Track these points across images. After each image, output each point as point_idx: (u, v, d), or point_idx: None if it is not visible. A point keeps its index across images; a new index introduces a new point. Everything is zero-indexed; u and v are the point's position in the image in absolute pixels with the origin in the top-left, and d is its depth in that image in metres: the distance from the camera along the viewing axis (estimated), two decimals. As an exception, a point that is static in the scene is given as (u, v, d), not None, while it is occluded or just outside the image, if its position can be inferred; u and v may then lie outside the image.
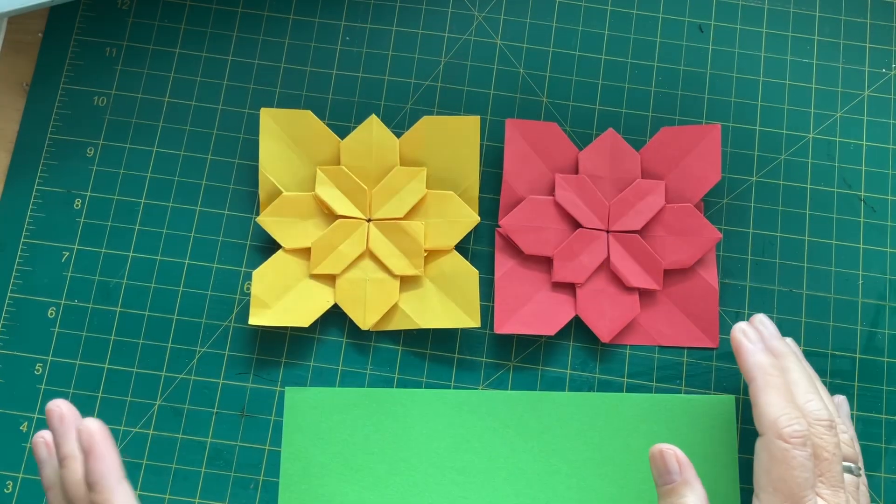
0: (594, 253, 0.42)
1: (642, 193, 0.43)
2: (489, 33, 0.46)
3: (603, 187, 0.43)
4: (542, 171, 0.43)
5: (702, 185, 0.43)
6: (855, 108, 0.45)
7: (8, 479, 0.41)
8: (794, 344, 0.40)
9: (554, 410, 0.42)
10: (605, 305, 0.42)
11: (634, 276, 0.42)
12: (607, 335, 0.42)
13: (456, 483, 0.40)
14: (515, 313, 0.42)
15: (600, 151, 0.43)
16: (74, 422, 0.34)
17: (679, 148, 0.43)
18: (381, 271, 0.42)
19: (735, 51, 0.46)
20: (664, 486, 0.36)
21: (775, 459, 0.35)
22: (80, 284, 0.43)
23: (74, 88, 0.45)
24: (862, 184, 0.45)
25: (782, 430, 0.35)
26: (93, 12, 0.46)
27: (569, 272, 0.42)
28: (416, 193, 0.42)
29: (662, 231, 0.43)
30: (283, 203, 0.42)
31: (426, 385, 0.42)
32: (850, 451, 0.37)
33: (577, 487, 0.40)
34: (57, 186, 0.44)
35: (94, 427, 0.33)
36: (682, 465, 0.35)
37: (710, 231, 0.42)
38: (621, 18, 0.46)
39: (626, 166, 0.43)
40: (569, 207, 0.43)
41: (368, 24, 0.46)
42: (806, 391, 0.36)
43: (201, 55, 0.45)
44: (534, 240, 0.42)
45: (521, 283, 0.42)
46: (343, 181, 0.43)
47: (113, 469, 0.33)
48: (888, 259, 0.44)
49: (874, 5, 0.47)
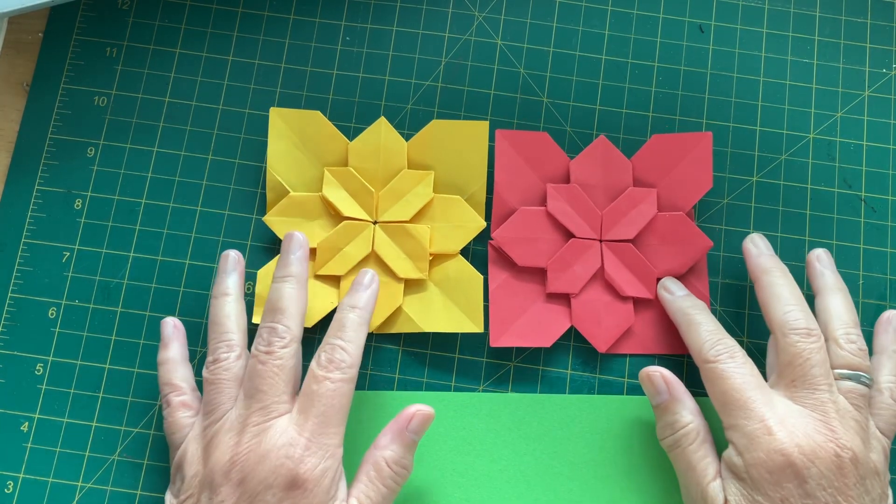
0: (588, 263, 0.42)
1: (634, 202, 0.43)
2: (489, 33, 0.46)
3: (595, 196, 0.43)
4: (534, 182, 0.43)
5: (693, 194, 0.43)
6: (855, 108, 0.45)
7: (8, 479, 0.41)
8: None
9: (555, 413, 0.42)
10: (601, 315, 0.42)
11: (628, 284, 0.42)
12: (604, 345, 0.42)
13: (458, 486, 0.40)
14: (511, 326, 0.42)
15: (592, 159, 0.43)
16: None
17: (671, 156, 0.43)
18: (386, 274, 0.42)
19: (735, 51, 0.46)
20: (657, 406, 0.39)
21: (783, 351, 0.37)
22: (80, 284, 0.43)
23: (75, 88, 0.45)
24: (862, 184, 0.45)
25: (788, 326, 0.37)
26: (93, 12, 0.46)
27: (563, 283, 0.42)
28: (423, 197, 0.42)
29: (655, 240, 0.43)
30: (289, 203, 0.42)
31: (427, 385, 0.42)
32: (855, 360, 0.37)
33: (579, 490, 0.40)
34: (57, 186, 0.44)
35: None
36: (669, 383, 0.38)
37: (702, 240, 0.42)
38: (621, 18, 0.46)
39: (618, 174, 0.43)
40: (561, 217, 0.42)
41: (369, 24, 0.46)
42: (787, 303, 0.38)
43: (201, 55, 0.45)
44: (527, 251, 0.42)
45: (516, 296, 0.42)
46: (350, 183, 0.43)
47: None
48: (888, 259, 0.44)
49: (874, 5, 0.47)
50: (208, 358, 0.38)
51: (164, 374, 0.39)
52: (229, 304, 0.39)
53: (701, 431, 0.37)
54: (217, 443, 0.35)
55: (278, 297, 0.38)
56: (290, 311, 0.37)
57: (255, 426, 0.35)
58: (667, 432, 0.38)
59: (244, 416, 0.35)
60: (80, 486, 0.41)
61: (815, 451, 0.34)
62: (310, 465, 0.34)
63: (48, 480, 0.41)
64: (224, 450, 0.35)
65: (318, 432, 0.35)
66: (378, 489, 0.36)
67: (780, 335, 0.37)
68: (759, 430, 0.35)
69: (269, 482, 0.34)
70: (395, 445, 0.36)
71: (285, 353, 0.36)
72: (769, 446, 0.34)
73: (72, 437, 0.41)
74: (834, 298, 0.39)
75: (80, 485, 0.41)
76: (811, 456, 0.34)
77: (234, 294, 0.39)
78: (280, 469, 0.34)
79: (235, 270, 0.40)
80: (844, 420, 0.35)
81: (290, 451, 0.34)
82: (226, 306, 0.39)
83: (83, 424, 0.41)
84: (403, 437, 0.37)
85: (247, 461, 0.34)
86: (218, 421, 0.36)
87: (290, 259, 0.39)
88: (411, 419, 0.37)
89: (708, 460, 0.37)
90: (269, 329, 0.37)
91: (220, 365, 0.37)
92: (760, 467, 0.34)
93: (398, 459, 0.36)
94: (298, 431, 0.35)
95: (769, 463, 0.34)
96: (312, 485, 0.34)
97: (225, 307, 0.39)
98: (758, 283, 0.40)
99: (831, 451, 0.34)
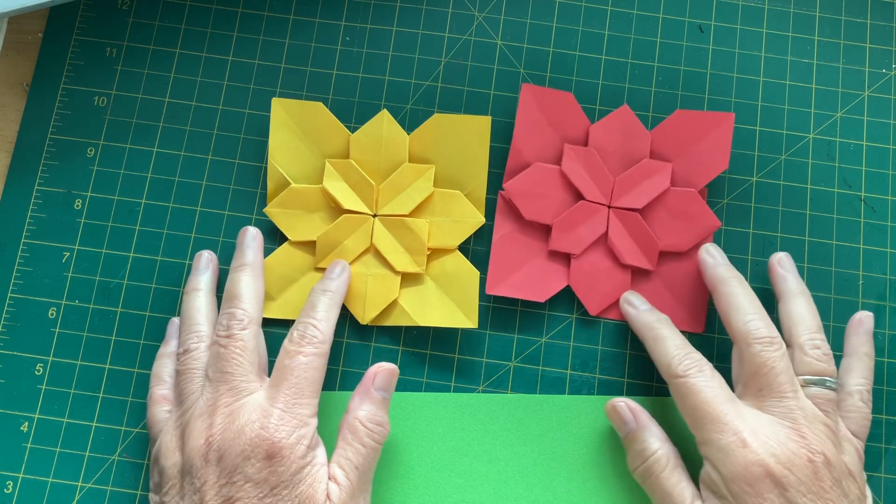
0: (593, 226, 0.43)
1: (648, 173, 0.43)
2: (489, 33, 0.46)
3: (610, 162, 0.43)
4: (553, 140, 0.43)
5: (708, 172, 0.43)
6: (855, 108, 0.45)
7: (8, 479, 0.41)
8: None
9: (554, 413, 0.42)
10: (598, 279, 0.42)
11: (630, 253, 0.42)
12: (596, 308, 0.42)
13: (457, 487, 0.40)
14: (509, 277, 0.42)
15: (612, 127, 0.43)
16: None
17: (691, 132, 0.43)
18: (383, 267, 0.42)
19: (735, 51, 0.46)
20: (625, 436, 0.39)
21: (747, 362, 0.37)
22: (80, 285, 0.43)
23: (74, 88, 0.45)
24: (862, 184, 0.45)
25: (750, 336, 0.37)
26: (93, 12, 0.46)
27: (566, 242, 0.42)
28: (423, 191, 0.42)
29: (663, 213, 0.43)
30: (290, 195, 0.43)
31: (426, 385, 0.42)
32: (821, 365, 0.37)
33: (578, 491, 0.40)
34: (57, 186, 0.44)
35: None
36: (635, 412, 0.39)
37: (711, 219, 0.42)
38: (621, 18, 0.46)
39: (637, 144, 0.43)
40: (574, 178, 0.43)
41: (369, 24, 0.46)
42: (747, 312, 0.38)
43: (201, 55, 0.45)
44: (535, 206, 0.42)
45: (518, 248, 0.43)
46: (351, 175, 0.43)
47: None
48: (888, 259, 0.44)
49: (874, 5, 0.47)
50: (178, 350, 0.39)
51: (156, 367, 0.40)
52: (199, 298, 0.40)
53: (671, 457, 0.37)
54: (191, 430, 0.35)
55: (234, 285, 0.39)
56: (247, 296, 0.38)
57: (226, 406, 0.35)
58: (637, 462, 0.38)
59: (213, 398, 0.36)
60: (80, 486, 0.41)
61: (790, 459, 0.34)
62: (284, 434, 0.34)
63: (48, 480, 0.41)
64: (198, 434, 0.35)
65: (291, 403, 0.35)
66: (357, 449, 0.36)
67: (743, 345, 0.37)
68: (734, 443, 0.35)
69: (247, 453, 0.34)
70: (366, 404, 0.37)
71: (245, 334, 0.37)
72: (745, 459, 0.34)
73: (72, 437, 0.41)
74: (797, 303, 0.39)
75: (80, 485, 0.41)
76: (787, 464, 0.34)
77: (204, 289, 0.40)
78: (256, 440, 0.34)
79: (208, 269, 0.41)
80: (813, 425, 0.35)
81: (265, 422, 0.34)
82: (196, 300, 0.40)
83: (83, 424, 0.41)
84: (371, 396, 0.37)
85: (223, 440, 0.34)
86: (189, 409, 0.36)
87: (245, 250, 0.41)
88: (374, 377, 0.38)
89: (683, 484, 0.36)
90: (227, 315, 0.38)
91: (189, 355, 0.38)
92: (740, 481, 0.34)
93: (371, 417, 0.37)
94: (271, 403, 0.35)
95: (747, 475, 0.34)
96: (288, 451, 0.34)
97: (195, 301, 0.40)
98: (716, 294, 0.39)
99: (804, 457, 0.34)
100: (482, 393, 0.42)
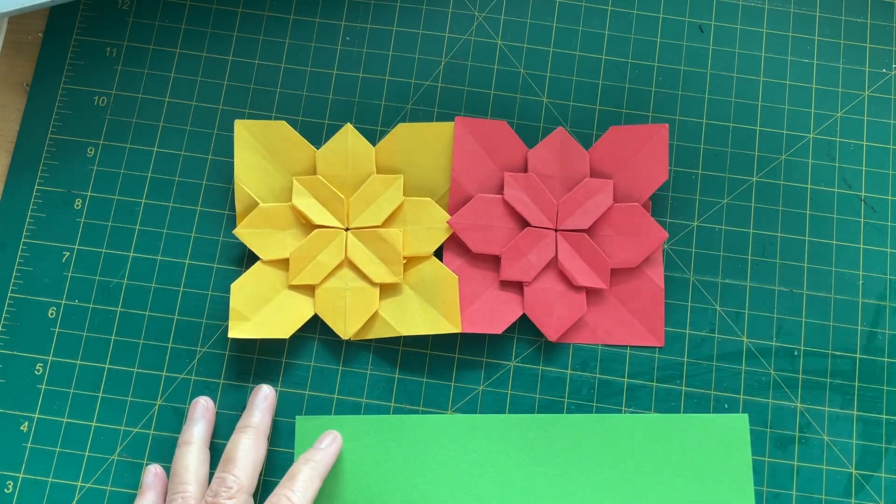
0: (542, 251, 0.42)
1: (591, 192, 0.43)
2: (489, 33, 0.46)
3: (552, 186, 0.43)
4: (492, 170, 0.43)
5: (649, 185, 0.43)
6: (855, 108, 0.45)
7: (8, 479, 0.41)
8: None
9: (566, 433, 0.41)
10: (553, 304, 0.42)
11: (582, 274, 0.42)
12: (554, 334, 0.42)
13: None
14: (463, 312, 0.42)
15: (550, 150, 0.43)
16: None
17: (628, 147, 0.43)
18: (361, 280, 0.42)
19: (735, 51, 0.46)
20: None
21: None
22: (80, 284, 0.43)
23: (75, 88, 0.45)
24: (862, 184, 0.45)
25: None
26: (93, 12, 0.46)
27: (516, 271, 0.42)
28: (394, 201, 0.42)
29: (610, 230, 0.43)
30: (259, 214, 0.42)
31: (426, 385, 0.42)
32: None
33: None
34: (57, 186, 0.44)
35: None
36: None
37: (657, 230, 0.43)
38: (621, 18, 0.46)
39: (576, 165, 0.43)
40: (517, 206, 0.43)
41: (369, 24, 0.46)
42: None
43: (201, 55, 0.45)
44: (482, 238, 0.42)
45: (469, 282, 0.43)
46: (320, 191, 0.43)
47: None
48: (888, 259, 0.44)
49: (874, 5, 0.47)
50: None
51: (176, 457, 0.40)
52: (190, 453, 0.39)
53: None
54: None
55: (234, 447, 0.39)
56: (242, 463, 0.38)
57: None
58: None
59: None
60: (80, 485, 0.41)
61: None
62: None
63: (48, 480, 0.41)
64: None
65: None
66: None
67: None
68: None
69: None
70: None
71: (231, 503, 0.37)
72: None
73: (71, 437, 0.41)
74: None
75: (80, 485, 0.41)
76: None
77: (196, 444, 0.40)
78: None
79: (203, 418, 0.41)
80: None
81: None
82: (186, 456, 0.39)
83: (83, 424, 0.41)
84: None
85: None
86: None
87: (254, 411, 0.40)
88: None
89: None
90: (219, 480, 0.37)
91: None
92: None
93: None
94: None
95: None
96: None
97: (185, 457, 0.39)
98: None
99: None
100: (492, 414, 0.42)
